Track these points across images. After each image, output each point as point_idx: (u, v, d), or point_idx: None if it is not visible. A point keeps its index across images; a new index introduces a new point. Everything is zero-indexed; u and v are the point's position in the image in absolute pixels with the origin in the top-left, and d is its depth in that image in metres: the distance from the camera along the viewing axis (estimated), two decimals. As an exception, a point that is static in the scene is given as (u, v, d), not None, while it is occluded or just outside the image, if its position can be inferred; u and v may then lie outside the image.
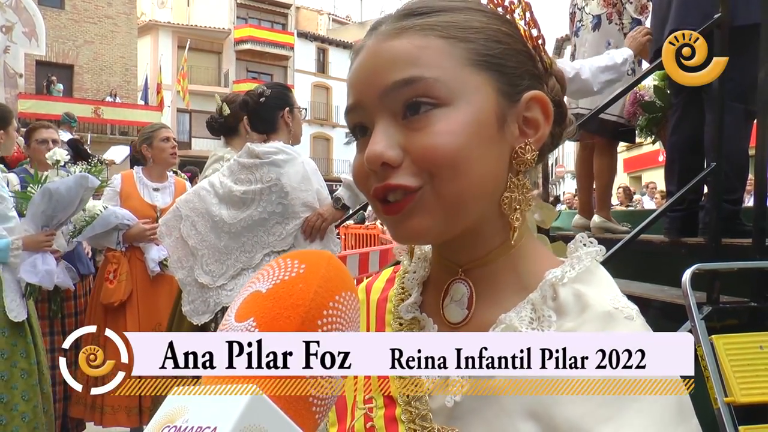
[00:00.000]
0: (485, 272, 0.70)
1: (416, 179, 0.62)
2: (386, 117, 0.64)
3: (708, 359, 2.01)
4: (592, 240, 0.71)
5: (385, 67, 0.64)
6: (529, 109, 0.67)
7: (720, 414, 1.93)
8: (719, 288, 2.37)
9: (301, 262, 0.54)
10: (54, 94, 21.22)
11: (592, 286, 0.66)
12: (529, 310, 0.65)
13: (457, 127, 0.62)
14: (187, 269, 2.69)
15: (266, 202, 2.59)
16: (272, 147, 2.63)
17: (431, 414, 0.66)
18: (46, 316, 3.31)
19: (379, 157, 0.62)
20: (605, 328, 0.62)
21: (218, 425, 0.43)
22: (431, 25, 0.65)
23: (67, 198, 2.99)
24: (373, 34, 0.68)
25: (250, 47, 31.37)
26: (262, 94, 2.74)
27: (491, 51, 0.66)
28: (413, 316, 0.74)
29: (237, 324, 0.51)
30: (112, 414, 3.26)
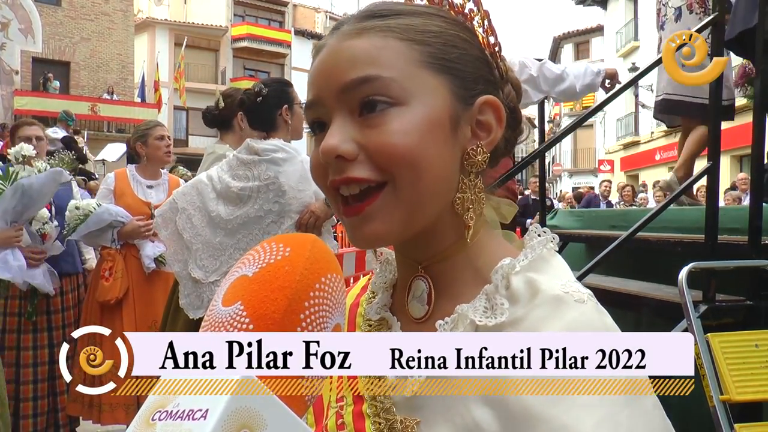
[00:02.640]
0: (443, 268, 0.71)
1: (375, 174, 0.64)
2: (343, 113, 0.66)
3: (704, 357, 2.01)
4: (545, 230, 0.72)
5: (344, 65, 0.66)
6: (482, 112, 0.70)
7: (715, 412, 1.94)
8: (715, 286, 2.38)
9: (286, 245, 0.55)
10: (50, 91, 21.15)
11: (544, 273, 0.68)
12: (484, 301, 0.67)
13: (410, 126, 0.64)
14: (183, 262, 2.67)
15: (263, 200, 2.57)
16: (272, 144, 2.61)
17: (394, 407, 0.68)
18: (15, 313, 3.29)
19: (333, 150, 0.64)
20: (555, 312, 0.63)
21: (209, 407, 0.43)
22: (390, 27, 0.67)
23: (40, 193, 2.98)
24: (334, 34, 0.70)
25: (248, 45, 31.29)
26: (259, 93, 2.71)
27: (448, 55, 0.68)
28: (381, 316, 0.76)
29: (224, 309, 0.52)
30: (110, 411, 3.25)
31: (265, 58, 32.30)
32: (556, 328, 0.61)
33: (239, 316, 0.51)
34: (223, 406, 0.43)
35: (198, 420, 0.43)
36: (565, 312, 0.63)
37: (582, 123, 2.85)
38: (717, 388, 1.97)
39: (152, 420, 0.46)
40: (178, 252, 2.69)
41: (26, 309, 3.26)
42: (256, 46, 31.48)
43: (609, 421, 0.57)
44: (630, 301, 2.78)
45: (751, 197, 2.55)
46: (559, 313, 0.63)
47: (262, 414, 0.45)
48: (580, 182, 27.66)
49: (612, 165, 26.51)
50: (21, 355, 3.28)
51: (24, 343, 3.30)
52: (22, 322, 3.29)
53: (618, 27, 26.19)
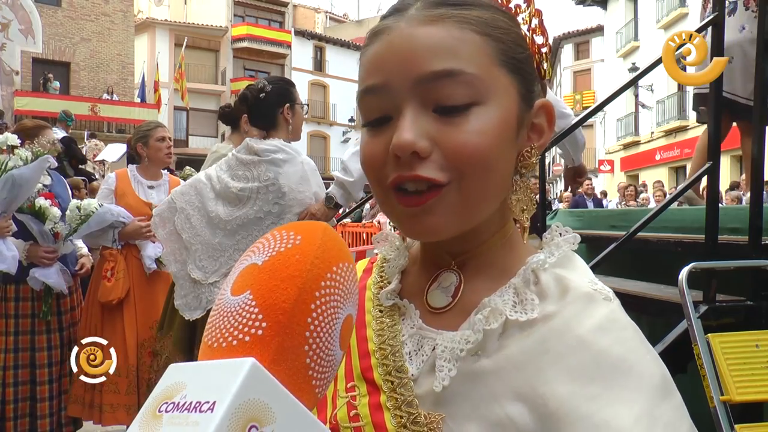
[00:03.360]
0: (477, 263, 0.71)
1: (444, 174, 0.62)
2: (416, 105, 0.63)
3: (704, 358, 2.01)
4: (567, 229, 0.72)
5: (423, 53, 0.62)
6: (538, 116, 0.69)
7: (716, 412, 1.94)
8: (716, 286, 2.38)
9: (297, 233, 0.54)
10: (50, 91, 21.14)
11: (571, 270, 0.68)
12: (512, 294, 0.66)
13: (489, 127, 0.62)
14: (181, 263, 2.66)
15: (262, 201, 2.55)
16: (272, 145, 2.59)
17: (417, 400, 0.66)
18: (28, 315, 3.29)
19: (411, 146, 0.61)
20: (586, 309, 0.63)
21: (217, 399, 0.43)
22: (467, 19, 0.64)
23: (28, 183, 2.97)
24: (401, 17, 0.65)
25: (248, 45, 31.31)
26: (262, 89, 2.69)
27: (517, 54, 0.66)
28: (393, 302, 0.74)
29: (233, 298, 0.51)
30: (111, 412, 3.25)
31: (265, 58, 32.31)
32: (588, 326, 0.62)
33: (248, 305, 0.49)
34: (230, 399, 0.42)
35: (205, 412, 0.42)
36: (596, 309, 0.63)
37: (582, 123, 2.85)
38: (717, 389, 1.97)
39: (159, 411, 0.45)
40: (175, 252, 2.67)
41: (40, 309, 3.26)
42: (256, 46, 31.50)
43: (647, 415, 0.57)
44: (630, 301, 2.78)
45: (752, 197, 2.55)
46: (590, 311, 0.63)
47: (271, 406, 0.44)
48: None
49: (612, 165, 26.51)
50: (37, 356, 3.29)
51: (39, 344, 3.30)
52: (36, 323, 3.29)
53: (618, 27, 26.19)
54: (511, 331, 0.64)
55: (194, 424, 0.42)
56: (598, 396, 0.58)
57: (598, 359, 0.60)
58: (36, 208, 3.16)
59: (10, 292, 3.25)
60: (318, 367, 0.50)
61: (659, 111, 22.75)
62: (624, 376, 0.59)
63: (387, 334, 0.71)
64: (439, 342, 0.66)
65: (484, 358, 0.64)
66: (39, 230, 3.18)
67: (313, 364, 0.50)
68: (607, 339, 0.61)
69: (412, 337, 0.70)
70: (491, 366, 0.63)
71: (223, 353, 0.48)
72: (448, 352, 0.65)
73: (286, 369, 0.48)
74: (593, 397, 0.58)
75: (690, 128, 20.22)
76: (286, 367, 0.48)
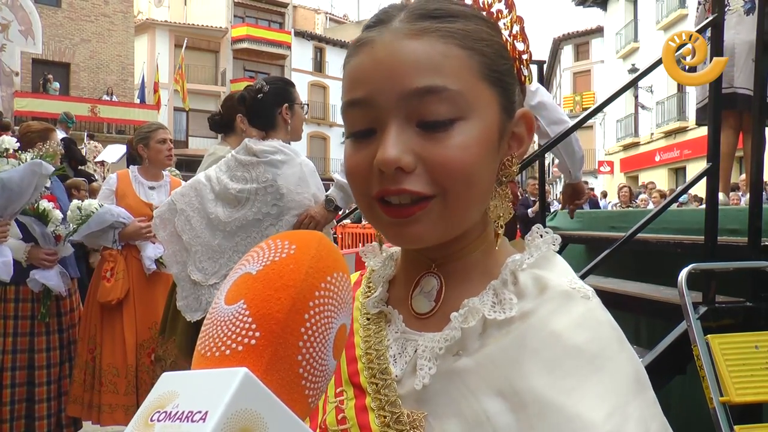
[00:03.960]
0: (457, 266, 0.72)
1: (430, 187, 0.63)
2: (400, 120, 0.63)
3: (704, 359, 2.02)
4: (547, 230, 0.73)
5: (407, 69, 0.63)
6: (517, 125, 0.70)
7: (715, 413, 1.94)
8: (715, 288, 2.38)
9: (291, 243, 0.53)
10: (50, 92, 21.15)
11: (550, 270, 0.69)
12: (491, 295, 0.68)
13: (472, 142, 0.64)
14: (182, 264, 2.65)
15: (261, 203, 2.54)
16: (270, 146, 2.57)
17: (400, 399, 0.67)
18: (28, 317, 3.30)
19: (395, 162, 0.62)
20: (563, 306, 0.65)
21: (209, 409, 0.42)
22: (451, 32, 0.64)
23: (21, 186, 2.92)
24: (384, 29, 0.66)
25: (247, 46, 31.32)
26: (260, 89, 2.67)
27: (499, 67, 0.67)
28: (379, 310, 0.75)
29: (227, 307, 0.51)
30: (109, 413, 3.25)
31: (265, 59, 32.32)
32: (565, 322, 0.63)
33: (242, 315, 0.49)
34: (222, 409, 0.42)
35: (197, 422, 0.42)
36: (573, 307, 0.65)
37: (582, 124, 2.84)
38: (717, 390, 1.97)
39: (151, 420, 0.45)
40: (176, 253, 2.66)
41: (39, 311, 3.26)
42: (256, 47, 31.51)
43: (620, 411, 0.59)
44: (629, 302, 2.78)
45: (751, 199, 2.55)
46: (568, 307, 0.64)
47: (263, 417, 0.44)
48: (579, 183, 27.58)
49: (612, 166, 26.52)
50: (36, 357, 3.29)
51: (38, 346, 3.30)
52: (35, 324, 3.29)
53: (618, 28, 26.21)
54: (491, 331, 0.66)
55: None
56: (572, 389, 0.59)
57: (572, 354, 0.61)
58: (39, 211, 3.17)
59: (10, 294, 3.25)
60: (311, 377, 0.50)
61: (659, 112, 22.76)
62: (598, 372, 0.60)
63: (373, 340, 0.73)
64: (421, 343, 0.68)
65: (465, 357, 0.65)
66: (42, 232, 3.19)
67: (306, 374, 0.50)
68: (583, 335, 0.62)
69: (396, 341, 0.72)
70: (472, 364, 0.64)
71: (216, 362, 0.48)
72: (429, 351, 0.67)
73: (279, 379, 0.48)
74: (567, 391, 0.59)
75: (689, 129, 20.23)
76: (279, 377, 0.48)
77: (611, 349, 0.62)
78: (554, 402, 0.59)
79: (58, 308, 3.40)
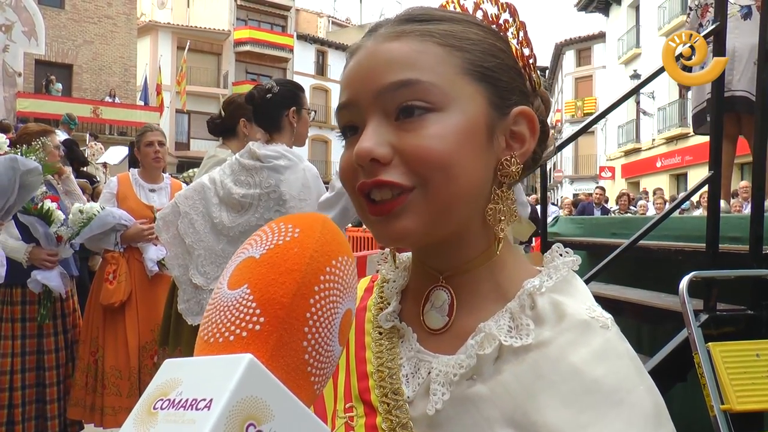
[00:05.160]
0: (465, 280, 0.70)
1: (407, 178, 0.63)
2: (378, 116, 0.65)
3: (705, 367, 2.01)
4: (568, 250, 0.71)
5: (382, 67, 0.65)
6: (516, 123, 0.69)
7: (716, 421, 1.94)
8: (716, 295, 2.38)
9: (296, 226, 0.53)
10: (53, 93, 21.19)
11: (569, 295, 0.67)
12: (508, 319, 0.66)
13: (448, 131, 0.63)
14: (184, 267, 2.64)
15: (264, 209, 2.53)
16: (274, 151, 2.56)
17: (411, 422, 0.66)
18: (35, 318, 3.30)
19: (369, 153, 0.63)
20: (582, 337, 0.63)
21: (213, 397, 0.41)
22: (430, 32, 0.66)
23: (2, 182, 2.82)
24: (371, 36, 0.69)
25: (250, 49, 31.37)
26: (270, 90, 2.65)
27: (486, 63, 0.67)
28: (392, 324, 0.74)
29: (230, 292, 0.50)
30: (112, 415, 3.25)
31: (268, 62, 32.37)
32: (583, 354, 0.62)
33: (246, 300, 0.48)
34: (227, 396, 0.41)
35: (202, 410, 0.41)
36: (592, 338, 0.63)
37: (585, 131, 2.85)
38: (718, 398, 1.97)
39: (154, 409, 0.44)
40: (178, 256, 2.65)
41: (38, 312, 3.27)
42: (259, 50, 31.55)
43: None
44: (631, 309, 2.78)
45: (752, 206, 2.55)
46: (586, 339, 0.63)
47: (269, 404, 0.43)
48: (581, 189, 27.64)
49: (613, 172, 26.52)
50: (45, 358, 3.31)
51: (47, 347, 3.32)
52: (42, 326, 3.31)
53: (620, 34, 26.24)
54: (507, 357, 0.64)
55: (190, 422, 0.41)
56: (589, 425, 0.58)
57: (591, 388, 0.60)
58: (43, 211, 3.17)
59: (17, 296, 3.26)
60: (317, 363, 0.49)
61: (660, 118, 22.77)
62: (616, 407, 0.59)
63: (385, 357, 0.71)
64: (435, 366, 0.66)
65: (479, 383, 0.64)
66: (44, 232, 3.19)
67: (312, 360, 0.49)
68: (601, 368, 0.61)
69: (410, 360, 0.70)
70: (485, 391, 0.63)
71: (220, 349, 0.47)
72: (443, 376, 0.65)
73: (285, 365, 0.47)
74: (584, 426, 0.58)
75: (691, 136, 20.23)
76: (284, 363, 0.47)
77: (630, 383, 0.61)
78: None
79: (62, 309, 3.41)
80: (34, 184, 3.00)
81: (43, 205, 3.16)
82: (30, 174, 2.89)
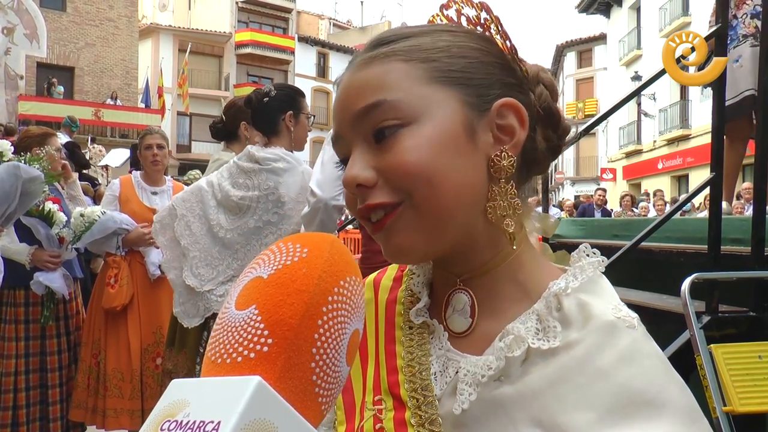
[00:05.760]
0: (484, 281, 0.71)
1: (392, 195, 0.65)
2: (360, 142, 0.67)
3: (707, 368, 2.01)
4: (595, 250, 0.71)
5: (354, 96, 0.67)
6: (501, 116, 0.68)
7: (719, 423, 1.94)
8: (718, 297, 2.38)
9: (304, 246, 0.52)
10: (54, 96, 21.22)
11: (595, 295, 0.67)
12: (535, 321, 0.66)
13: (422, 142, 0.64)
14: (179, 269, 2.64)
15: (262, 211, 2.53)
16: (273, 154, 2.57)
17: (440, 419, 0.66)
18: (39, 320, 3.31)
19: (353, 179, 0.65)
20: (609, 339, 0.63)
21: (221, 419, 0.41)
22: (395, 51, 0.68)
23: (2, 190, 2.81)
24: (349, 67, 0.71)
25: (251, 51, 31.40)
26: (267, 93, 2.67)
27: (454, 66, 0.67)
28: (423, 320, 0.74)
29: (238, 312, 0.49)
30: (114, 417, 3.26)
31: (269, 64, 32.41)
32: (611, 357, 0.61)
33: (253, 321, 0.48)
34: (236, 419, 0.40)
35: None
36: (618, 339, 0.63)
37: (587, 132, 2.85)
38: (720, 399, 1.97)
39: (161, 430, 0.44)
40: (174, 259, 2.66)
41: (42, 314, 3.27)
42: (260, 52, 31.59)
43: None
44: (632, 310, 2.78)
45: (755, 208, 2.55)
46: (613, 340, 0.63)
47: (276, 426, 0.43)
48: (582, 190, 27.64)
49: (614, 173, 26.51)
50: (48, 360, 3.32)
51: (50, 348, 3.33)
52: (46, 328, 3.32)
53: (621, 35, 26.24)
54: (534, 359, 0.64)
55: None
56: (616, 425, 0.58)
57: (618, 391, 0.59)
58: (45, 212, 3.18)
59: (20, 298, 3.27)
60: (324, 383, 0.49)
61: (662, 119, 22.77)
62: (645, 409, 0.58)
63: (416, 352, 0.71)
64: (463, 365, 0.67)
65: (506, 385, 0.64)
66: (46, 234, 3.19)
67: (320, 380, 0.49)
68: (629, 371, 0.61)
69: (439, 358, 0.71)
70: (512, 393, 0.63)
71: (228, 370, 0.47)
72: (471, 376, 0.65)
73: (292, 386, 0.47)
74: (611, 426, 0.58)
75: (692, 137, 20.23)
76: (292, 385, 0.47)
77: (658, 384, 0.61)
78: None
79: (65, 311, 3.42)
80: (36, 192, 3.01)
81: (44, 207, 3.17)
82: (32, 182, 2.90)
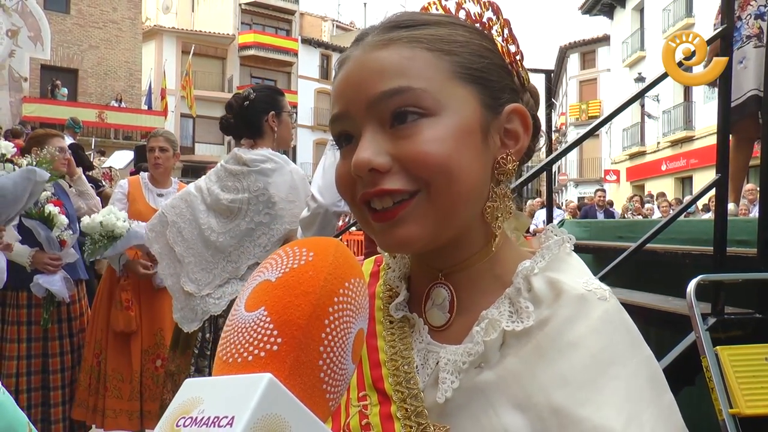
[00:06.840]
0: (465, 276, 0.72)
1: (410, 183, 0.64)
2: (373, 125, 0.66)
3: (713, 370, 2.00)
4: (562, 230, 0.73)
5: (373, 77, 0.65)
6: (509, 121, 0.70)
7: (725, 425, 1.93)
8: (724, 299, 2.37)
9: (309, 250, 0.54)
10: (58, 98, 21.29)
11: (564, 272, 0.69)
12: (507, 305, 0.68)
13: (444, 135, 0.64)
14: (175, 276, 2.65)
15: (253, 212, 2.53)
16: (260, 155, 2.57)
17: (426, 411, 0.67)
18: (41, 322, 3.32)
19: (367, 163, 0.64)
20: (580, 311, 0.64)
21: (235, 414, 0.43)
22: (418, 38, 0.67)
23: (14, 193, 2.87)
24: (359, 45, 0.69)
25: (254, 53, 31.44)
26: (247, 97, 2.67)
27: (475, 65, 0.68)
28: (403, 314, 0.75)
29: (247, 314, 0.51)
30: (113, 418, 3.27)
31: (272, 66, 32.45)
32: (581, 330, 0.63)
33: (263, 321, 0.50)
34: (249, 413, 0.43)
35: (224, 427, 0.43)
36: (590, 311, 0.65)
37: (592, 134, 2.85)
38: (726, 402, 1.96)
39: (177, 426, 0.46)
40: (170, 266, 2.66)
41: (41, 316, 3.28)
42: (263, 54, 31.64)
43: (635, 419, 0.59)
44: (637, 312, 2.77)
45: (760, 209, 2.54)
46: (584, 312, 0.64)
47: (288, 421, 0.45)
48: (585, 192, 27.60)
49: (618, 175, 26.48)
50: (50, 362, 3.33)
51: (52, 350, 3.34)
52: (49, 330, 3.32)
53: (624, 37, 26.21)
54: (510, 342, 0.66)
55: None
56: (588, 401, 0.60)
57: (588, 363, 0.61)
58: (45, 215, 3.18)
59: (22, 299, 3.28)
60: (332, 380, 0.51)
61: (665, 121, 22.73)
62: (614, 380, 0.61)
63: (398, 346, 0.72)
64: (443, 355, 0.68)
65: (486, 371, 0.65)
66: (46, 236, 3.19)
67: (327, 378, 0.50)
68: (599, 342, 0.63)
69: (420, 351, 0.72)
70: (493, 378, 0.64)
71: (239, 368, 0.49)
72: (451, 364, 0.66)
73: (301, 383, 0.49)
74: (584, 402, 0.60)
75: (696, 139, 20.19)
76: (301, 382, 0.49)
77: (625, 355, 0.63)
78: (572, 414, 0.59)
79: (68, 313, 3.43)
80: (39, 192, 3.05)
81: (45, 209, 3.17)
82: (42, 184, 2.93)
